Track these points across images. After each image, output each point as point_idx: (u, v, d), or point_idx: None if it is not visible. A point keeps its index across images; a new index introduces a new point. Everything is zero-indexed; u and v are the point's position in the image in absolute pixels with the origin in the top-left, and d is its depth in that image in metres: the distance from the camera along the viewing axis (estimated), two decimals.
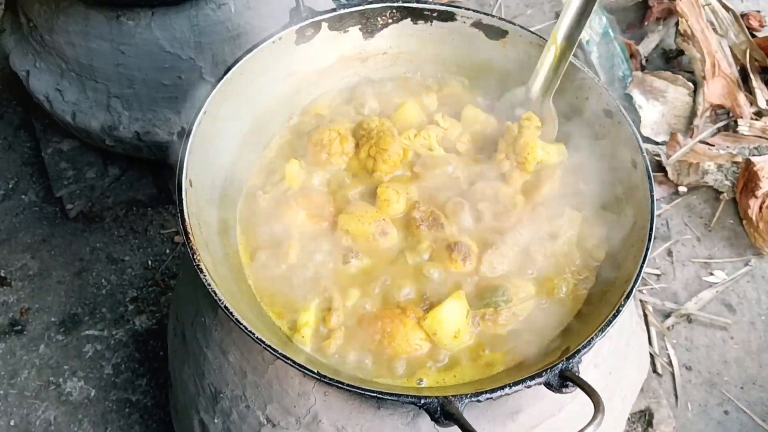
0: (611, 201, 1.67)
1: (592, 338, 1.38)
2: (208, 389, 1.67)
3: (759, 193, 2.59)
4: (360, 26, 1.79)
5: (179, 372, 1.79)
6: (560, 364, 1.35)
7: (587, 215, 1.68)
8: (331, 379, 1.32)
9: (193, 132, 1.54)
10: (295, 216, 1.63)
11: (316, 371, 1.32)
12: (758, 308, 2.56)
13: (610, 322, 1.40)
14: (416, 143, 1.72)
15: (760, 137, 2.81)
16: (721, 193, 2.76)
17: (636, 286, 1.44)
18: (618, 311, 1.41)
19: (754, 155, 2.74)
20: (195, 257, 1.41)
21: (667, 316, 2.53)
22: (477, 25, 1.77)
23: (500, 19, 1.77)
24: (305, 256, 1.59)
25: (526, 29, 1.74)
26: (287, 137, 1.80)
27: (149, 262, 2.62)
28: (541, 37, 1.74)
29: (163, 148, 2.44)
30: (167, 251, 2.63)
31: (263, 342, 1.34)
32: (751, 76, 2.93)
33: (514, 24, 1.75)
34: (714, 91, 2.85)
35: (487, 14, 1.76)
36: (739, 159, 2.72)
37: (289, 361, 1.33)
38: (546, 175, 1.69)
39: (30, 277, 2.58)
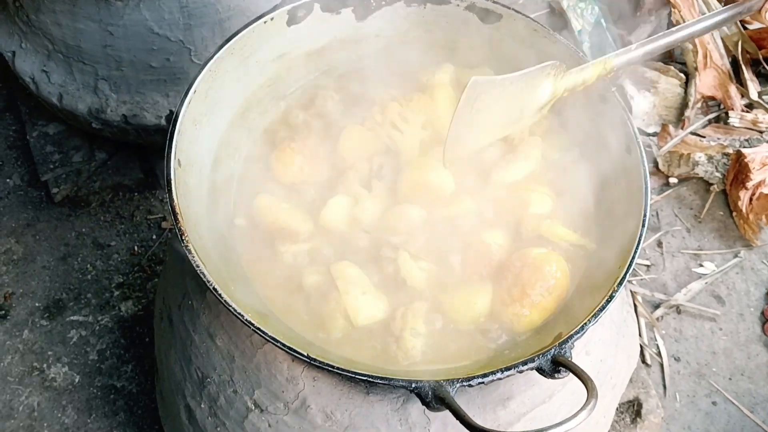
0: (604, 187, 1.66)
1: (585, 324, 1.37)
2: (195, 374, 1.65)
3: (749, 184, 2.58)
4: (353, 8, 1.77)
5: (165, 357, 1.77)
6: (552, 349, 1.33)
7: (579, 202, 1.67)
8: (320, 362, 1.30)
9: (182, 111, 1.52)
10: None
11: (305, 354, 1.30)
12: (747, 300, 2.56)
13: (603, 308, 1.39)
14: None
15: (751, 129, 2.81)
16: (712, 184, 2.75)
17: (629, 272, 1.43)
18: (611, 297, 1.40)
19: (744, 147, 2.74)
20: (183, 238, 1.39)
21: (657, 306, 2.52)
22: (471, 8, 1.75)
23: (494, 2, 1.74)
24: None
25: (521, 13, 1.72)
26: (277, 121, 1.78)
27: (136, 248, 2.59)
28: (536, 21, 1.72)
29: (150, 131, 2.41)
30: (154, 237, 2.61)
31: (252, 324, 1.32)
32: (743, 67, 2.92)
33: (509, 8, 1.73)
34: (706, 82, 2.85)
35: (495, 1, 1.74)
36: (730, 150, 2.71)
37: (278, 344, 1.31)
38: None
39: (14, 262, 2.55)
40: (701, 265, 2.63)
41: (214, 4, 2.21)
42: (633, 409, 2.22)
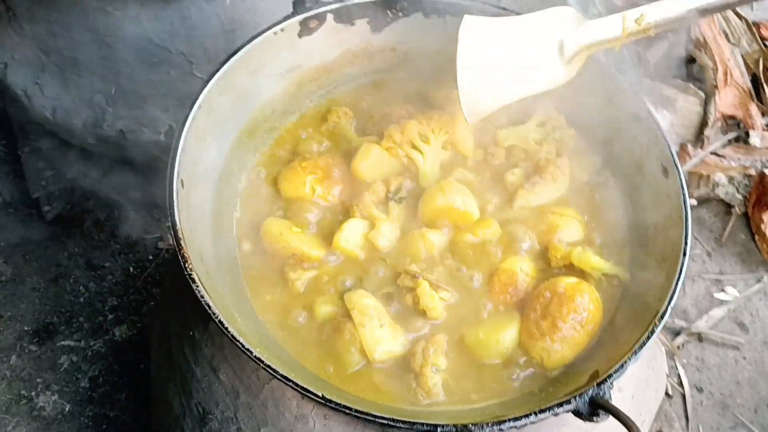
0: (638, 213, 1.56)
1: (625, 362, 1.28)
2: (196, 409, 1.57)
3: None
4: (368, 19, 1.69)
5: (163, 389, 1.68)
6: (590, 390, 1.25)
7: (611, 228, 1.58)
8: (336, 403, 1.23)
9: (186, 127, 1.44)
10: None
11: (320, 395, 1.22)
12: None
13: (644, 344, 1.30)
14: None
15: None
16: (732, 206, 2.66)
17: (671, 305, 1.34)
18: (652, 332, 1.32)
19: (766, 168, 2.65)
20: (186, 266, 1.30)
21: (677, 334, 2.42)
22: None
23: (518, 12, 1.65)
24: None
25: None
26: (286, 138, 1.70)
27: (131, 269, 2.50)
28: None
29: (148, 147, 2.31)
30: (150, 257, 2.52)
31: (262, 361, 1.23)
32: (764, 85, 2.84)
33: None
34: (726, 100, 2.76)
35: (504, 9, 1.65)
36: (752, 172, 2.62)
37: (290, 384, 1.23)
38: None
39: (2, 283, 2.46)
40: (723, 291, 2.53)
41: (218, 15, 2.12)
42: None
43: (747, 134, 2.77)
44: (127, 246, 2.55)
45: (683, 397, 2.31)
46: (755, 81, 2.90)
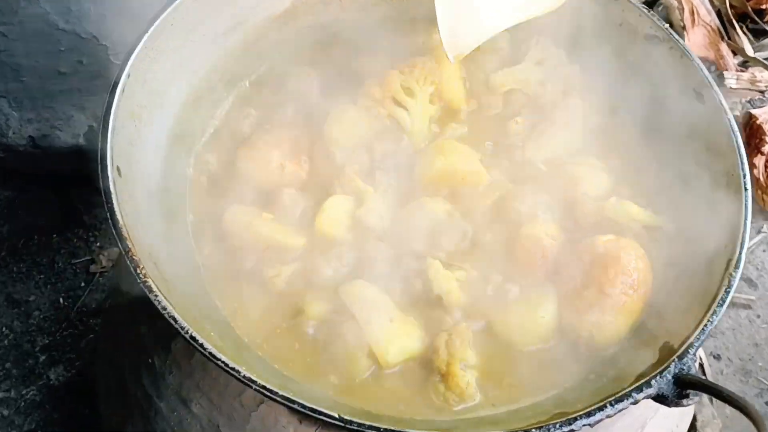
0: (671, 150, 1.36)
1: (706, 325, 1.07)
2: None
3: (765, 149, 2.32)
4: None
5: None
6: (672, 366, 1.03)
7: (641, 173, 1.39)
8: (359, 424, 0.99)
9: (115, 102, 1.20)
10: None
11: (337, 416, 0.99)
12: None
13: (723, 300, 1.11)
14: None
15: (750, 89, 2.56)
16: None
17: (745, 246, 1.13)
18: (730, 285, 1.11)
19: (747, 109, 2.49)
20: (139, 272, 1.04)
21: None
22: None
23: None
24: None
25: None
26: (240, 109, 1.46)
27: (61, 300, 2.25)
28: None
29: (66, 154, 2.09)
30: (82, 284, 2.27)
31: (255, 382, 1.00)
32: (734, 23, 2.70)
33: None
34: (695, 41, 2.62)
35: None
36: (736, 113, 2.46)
37: (295, 406, 1.01)
38: None
39: None
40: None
41: None
42: None
43: (721, 76, 2.62)
44: (53, 275, 2.29)
45: (701, 367, 2.13)
46: (721, 18, 2.76)
